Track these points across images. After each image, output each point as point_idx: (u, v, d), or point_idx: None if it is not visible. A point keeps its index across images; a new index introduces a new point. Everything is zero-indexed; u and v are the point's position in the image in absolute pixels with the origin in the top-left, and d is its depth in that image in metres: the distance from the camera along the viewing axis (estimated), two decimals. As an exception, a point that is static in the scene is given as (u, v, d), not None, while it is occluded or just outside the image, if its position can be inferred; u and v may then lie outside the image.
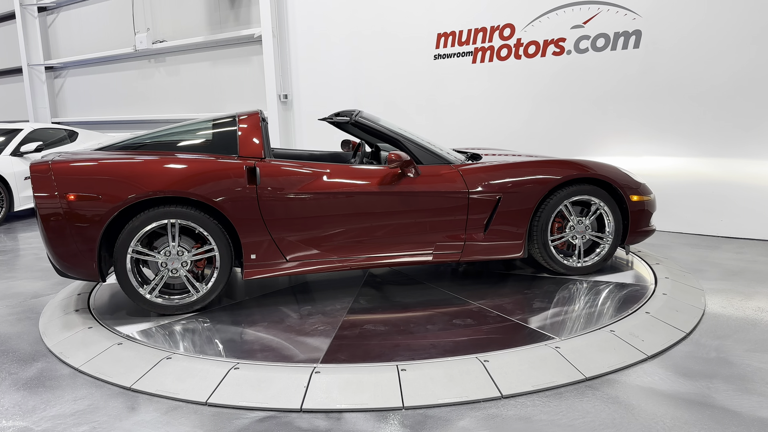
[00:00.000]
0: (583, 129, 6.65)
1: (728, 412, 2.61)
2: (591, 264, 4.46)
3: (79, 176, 3.68)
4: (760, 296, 4.10)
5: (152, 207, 3.72)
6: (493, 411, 2.68)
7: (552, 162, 4.37)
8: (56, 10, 13.13)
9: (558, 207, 4.28)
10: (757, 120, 5.65)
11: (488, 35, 7.20)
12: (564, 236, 4.37)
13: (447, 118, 7.68)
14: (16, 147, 8.20)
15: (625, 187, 4.37)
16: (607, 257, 4.46)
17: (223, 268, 3.87)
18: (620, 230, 4.42)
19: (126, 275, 3.73)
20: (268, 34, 9.09)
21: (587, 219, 4.38)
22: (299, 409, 2.75)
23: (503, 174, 4.27)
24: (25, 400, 2.93)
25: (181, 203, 3.77)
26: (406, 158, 3.99)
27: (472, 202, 4.16)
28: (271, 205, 3.87)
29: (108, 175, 3.70)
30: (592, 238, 4.43)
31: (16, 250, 6.42)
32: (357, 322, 3.71)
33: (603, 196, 4.33)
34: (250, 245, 3.88)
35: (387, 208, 4.05)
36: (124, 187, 3.65)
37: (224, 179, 3.81)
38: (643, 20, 6.12)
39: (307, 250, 3.99)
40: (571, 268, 4.43)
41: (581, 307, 3.81)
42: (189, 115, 10.97)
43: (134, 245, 3.71)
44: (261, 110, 4.41)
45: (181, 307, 3.88)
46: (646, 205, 4.46)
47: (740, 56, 5.67)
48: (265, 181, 3.87)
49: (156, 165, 3.79)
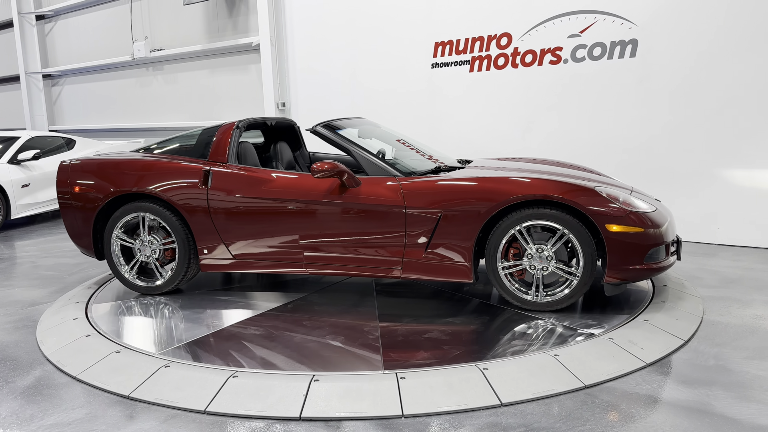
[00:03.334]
0: (581, 138, 6.68)
1: (727, 420, 2.61)
2: (550, 300, 3.82)
3: (84, 172, 4.63)
4: (758, 304, 4.11)
5: (132, 201, 4.46)
6: (493, 419, 2.68)
7: (508, 181, 3.87)
8: (54, 18, 13.15)
9: (509, 231, 3.77)
10: (754, 128, 5.68)
11: (485, 44, 7.24)
12: (521, 264, 3.83)
13: (444, 127, 7.70)
14: (13, 155, 8.18)
15: (600, 214, 3.63)
16: (573, 295, 3.77)
17: (181, 259, 4.42)
18: (592, 264, 3.70)
19: (111, 255, 4.57)
20: (267, 42, 9.12)
21: (550, 247, 3.77)
22: (298, 418, 2.74)
23: (446, 190, 3.93)
24: (22, 409, 2.92)
25: (153, 200, 4.43)
26: (337, 168, 3.92)
27: (410, 218, 3.91)
28: (218, 205, 4.30)
29: (102, 173, 4.57)
30: (556, 269, 3.80)
31: (13, 258, 6.40)
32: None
33: (569, 223, 3.67)
34: (201, 240, 4.38)
35: (325, 217, 4.10)
36: (110, 183, 4.50)
37: (182, 180, 4.38)
38: (639, 29, 6.16)
39: (251, 250, 4.32)
40: (526, 302, 3.86)
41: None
42: (187, 124, 10.97)
43: (117, 232, 4.51)
44: (290, 120, 4.62)
45: (151, 289, 4.55)
46: (638, 237, 3.65)
47: (736, 65, 5.70)
48: (216, 183, 4.32)
49: (133, 165, 4.55)
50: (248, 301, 4.39)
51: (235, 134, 4.56)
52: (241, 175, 4.32)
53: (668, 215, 4.02)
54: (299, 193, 4.15)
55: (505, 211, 3.78)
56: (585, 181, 4.06)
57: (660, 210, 3.94)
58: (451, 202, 3.85)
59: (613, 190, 3.88)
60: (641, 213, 3.72)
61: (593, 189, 3.76)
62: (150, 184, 4.39)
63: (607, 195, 3.73)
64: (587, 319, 3.75)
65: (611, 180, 4.62)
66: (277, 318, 3.98)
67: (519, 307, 3.89)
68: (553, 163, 4.89)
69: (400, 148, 4.93)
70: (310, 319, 3.93)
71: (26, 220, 8.68)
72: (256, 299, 4.43)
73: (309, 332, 3.69)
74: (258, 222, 4.24)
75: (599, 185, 3.90)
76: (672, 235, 3.93)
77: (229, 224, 4.29)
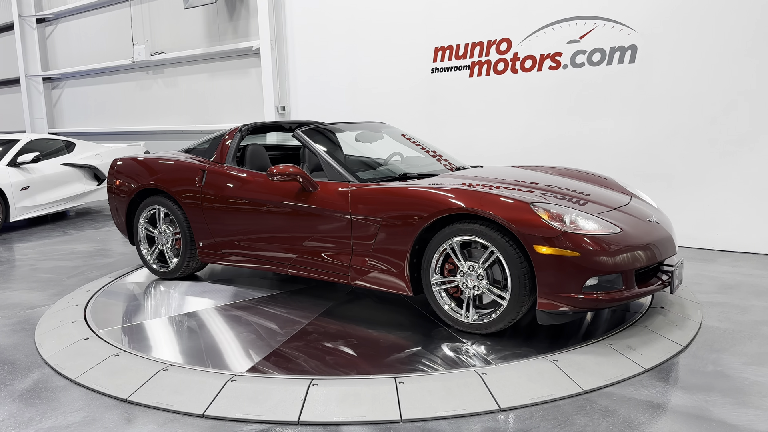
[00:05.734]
0: (579, 143, 6.69)
1: (726, 425, 2.61)
2: (479, 323, 3.53)
3: (123, 168, 5.29)
4: (757, 310, 4.12)
5: (152, 195, 5.04)
6: (491, 424, 2.68)
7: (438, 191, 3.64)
8: (55, 21, 13.18)
9: (442, 245, 3.56)
10: (753, 133, 5.69)
11: (485, 49, 7.26)
12: (455, 281, 3.60)
13: (444, 132, 7.71)
14: (13, 157, 8.19)
15: (528, 234, 3.25)
16: (501, 320, 3.44)
17: (184, 249, 4.90)
18: (521, 287, 3.34)
19: (138, 243, 5.22)
20: (267, 46, 9.14)
21: (480, 265, 3.48)
22: (297, 422, 2.74)
23: (387, 199, 3.81)
24: (20, 412, 2.92)
25: (165, 195, 4.96)
26: (293, 172, 4.01)
27: (355, 224, 3.88)
28: (208, 202, 4.66)
29: (133, 169, 5.21)
30: (486, 290, 3.50)
31: (11, 261, 6.40)
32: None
33: (497, 241, 3.36)
34: (197, 234, 4.80)
35: (288, 219, 4.25)
36: (136, 179, 5.13)
37: (185, 178, 4.82)
38: (638, 35, 6.18)
39: (234, 246, 4.63)
40: (457, 321, 3.62)
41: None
42: (186, 128, 10.99)
43: (142, 221, 5.13)
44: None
45: (163, 274, 5.10)
46: (574, 262, 3.20)
47: (735, 70, 5.72)
48: (208, 182, 4.68)
49: (155, 163, 5.11)
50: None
51: (236, 137, 4.83)
52: (228, 176, 4.63)
53: (644, 237, 3.51)
54: (268, 195, 4.35)
55: (444, 223, 3.57)
56: (547, 194, 3.76)
57: (626, 233, 3.43)
58: (389, 210, 3.74)
59: (561, 208, 3.44)
60: (583, 235, 3.26)
61: (528, 205, 3.38)
62: (163, 180, 4.93)
63: (545, 212, 3.33)
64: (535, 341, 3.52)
65: (616, 186, 4.37)
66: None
67: (450, 326, 3.70)
68: (558, 171, 4.64)
69: (413, 154, 4.98)
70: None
71: (25, 223, 8.67)
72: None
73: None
74: (235, 220, 4.55)
75: (544, 202, 3.51)
76: (639, 262, 3.38)
77: (215, 220, 4.65)
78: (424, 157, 4.99)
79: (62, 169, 8.77)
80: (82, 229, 8.17)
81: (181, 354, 3.49)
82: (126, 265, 5.84)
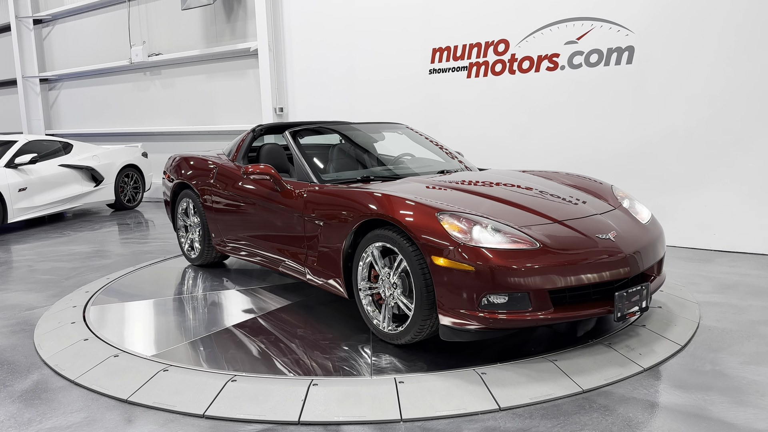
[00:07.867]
0: (577, 144, 6.71)
1: (724, 424, 2.62)
2: (391, 333, 3.39)
3: (171, 164, 5.78)
4: (754, 309, 4.13)
5: (186, 189, 5.49)
6: (491, 423, 2.69)
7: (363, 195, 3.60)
8: (52, 22, 13.15)
9: (365, 251, 3.48)
10: (750, 134, 5.72)
11: (483, 50, 7.28)
12: (376, 288, 3.50)
13: (442, 133, 7.70)
14: (10, 159, 8.18)
15: (427, 242, 3.08)
16: (407, 332, 3.27)
17: (203, 239, 5.32)
18: (423, 299, 3.14)
19: (177, 231, 5.73)
20: (264, 47, 9.14)
21: (391, 273, 3.34)
22: (297, 422, 2.74)
23: (328, 200, 3.84)
24: (20, 413, 2.91)
25: (191, 188, 5.36)
26: (263, 170, 4.18)
27: (307, 225, 3.94)
28: (215, 197, 4.99)
29: (175, 165, 5.67)
30: (398, 300, 3.34)
31: (9, 262, 6.39)
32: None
33: (403, 248, 3.20)
34: (211, 226, 5.13)
35: (266, 217, 4.42)
36: (176, 174, 5.59)
37: (204, 174, 5.19)
38: (635, 36, 6.20)
39: (234, 241, 4.89)
40: (375, 328, 3.52)
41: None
42: (184, 129, 10.98)
43: (179, 212, 5.59)
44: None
45: (193, 260, 5.59)
46: (467, 277, 2.97)
47: (732, 71, 5.74)
48: (217, 178, 5.00)
49: (190, 160, 5.49)
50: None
51: (248, 137, 5.12)
52: (229, 173, 4.90)
53: (574, 256, 3.11)
54: (250, 193, 4.57)
55: (370, 227, 3.48)
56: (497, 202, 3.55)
57: (546, 249, 3.08)
58: (328, 213, 3.78)
59: (475, 216, 3.20)
60: (482, 249, 3.00)
61: (434, 212, 3.20)
62: (189, 176, 5.37)
63: (451, 222, 3.12)
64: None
65: (605, 194, 4.00)
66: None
67: (372, 333, 3.64)
68: (556, 177, 4.37)
69: (427, 155, 5.00)
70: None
71: (23, 224, 8.65)
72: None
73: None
74: (231, 215, 4.84)
75: (456, 211, 3.24)
76: (556, 282, 3.02)
77: (220, 215, 4.98)
78: (435, 159, 4.97)
79: (60, 170, 8.77)
80: (79, 231, 8.16)
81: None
82: (124, 266, 5.84)
